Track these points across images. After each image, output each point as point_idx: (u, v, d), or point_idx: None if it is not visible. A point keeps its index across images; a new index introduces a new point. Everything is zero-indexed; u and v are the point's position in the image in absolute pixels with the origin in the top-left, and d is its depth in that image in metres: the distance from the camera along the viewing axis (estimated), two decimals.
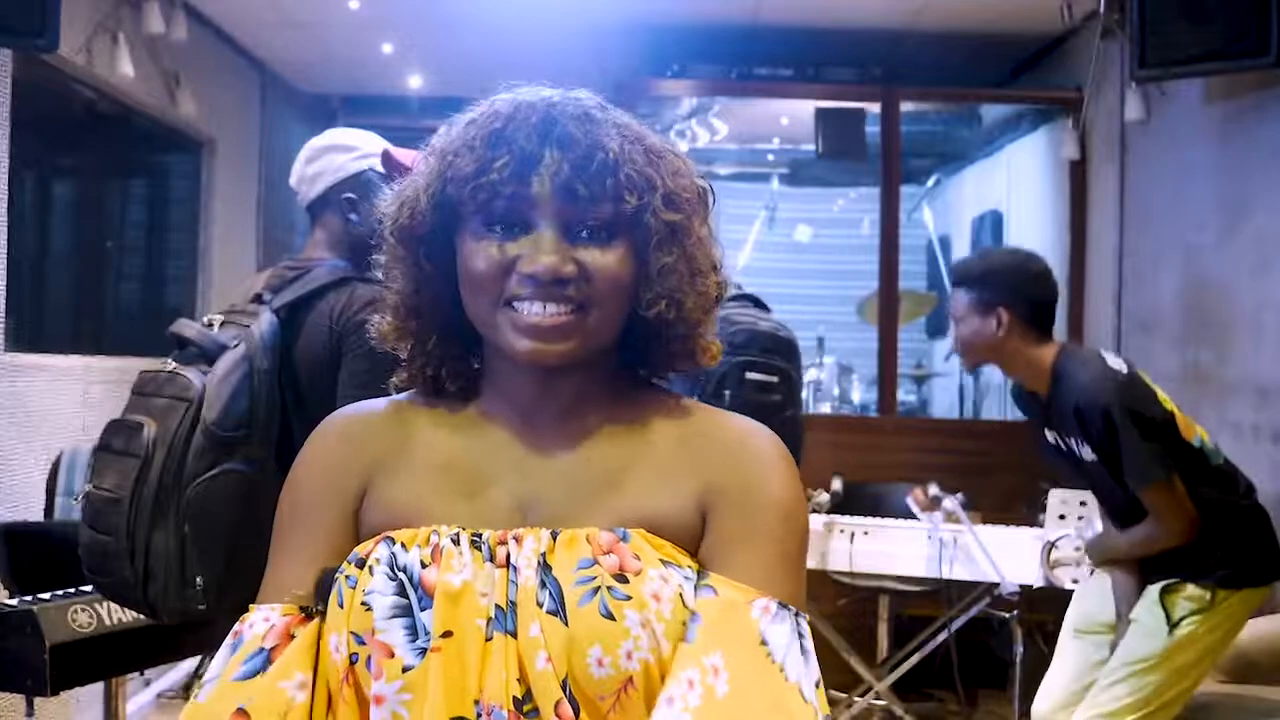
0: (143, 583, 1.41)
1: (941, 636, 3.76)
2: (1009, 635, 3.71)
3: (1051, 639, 4.05)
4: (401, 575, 0.85)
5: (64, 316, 4.13)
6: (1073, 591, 3.07)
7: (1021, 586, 3.34)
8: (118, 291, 4.57)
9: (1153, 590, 2.49)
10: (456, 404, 0.97)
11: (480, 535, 0.87)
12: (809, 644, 0.87)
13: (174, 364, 1.52)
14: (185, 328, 1.54)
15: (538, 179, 0.86)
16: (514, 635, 0.83)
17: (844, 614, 3.94)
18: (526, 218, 0.87)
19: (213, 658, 0.91)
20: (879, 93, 4.61)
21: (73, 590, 2.54)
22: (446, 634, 0.83)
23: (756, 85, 4.79)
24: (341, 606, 0.86)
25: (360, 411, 0.99)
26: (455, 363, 0.97)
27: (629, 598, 0.83)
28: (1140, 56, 3.39)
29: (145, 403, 1.49)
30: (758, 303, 2.44)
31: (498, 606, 0.84)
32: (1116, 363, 2.52)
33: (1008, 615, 3.68)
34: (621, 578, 0.83)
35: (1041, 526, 3.35)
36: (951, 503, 3.42)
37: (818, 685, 0.86)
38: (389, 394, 1.01)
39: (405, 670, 0.82)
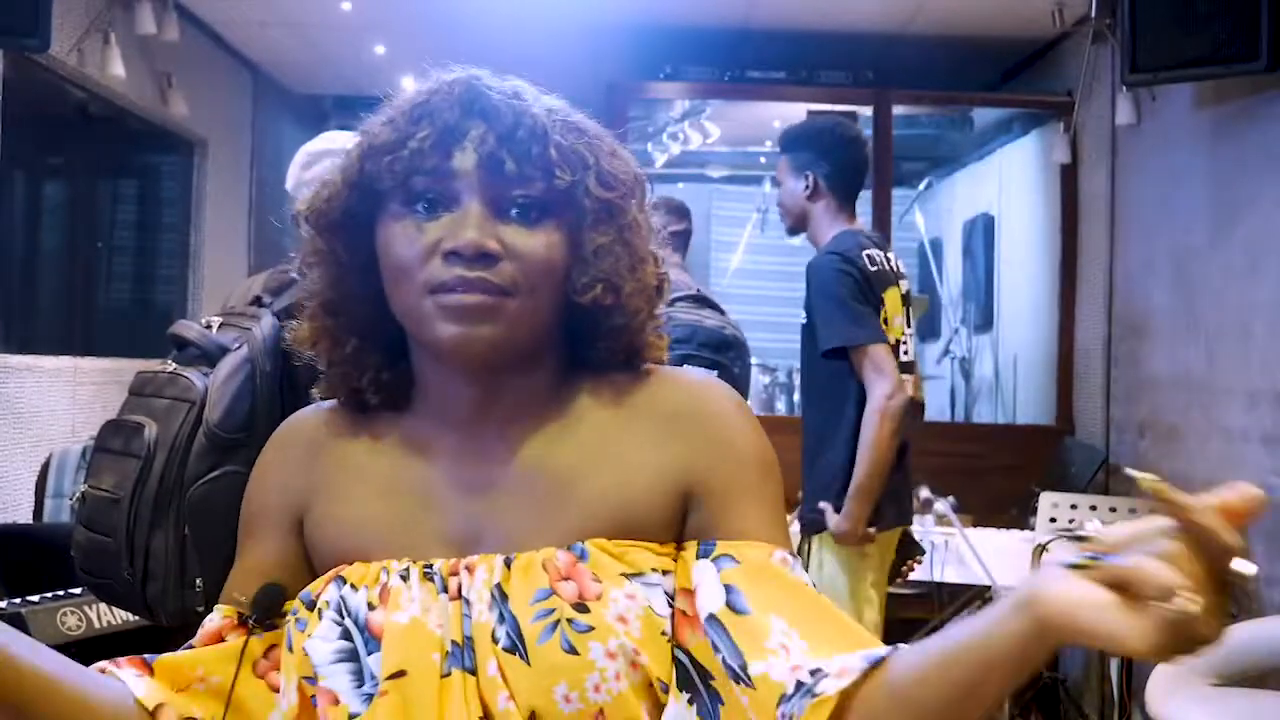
0: (141, 584, 1.40)
1: None
2: None
3: None
4: (348, 620, 0.81)
5: (54, 317, 4.12)
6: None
7: (1012, 589, 3.35)
8: (108, 292, 4.56)
9: None
10: (390, 419, 0.90)
11: (432, 566, 0.82)
12: None
13: (174, 365, 1.51)
14: (186, 329, 1.54)
15: (461, 151, 0.80)
16: (473, 673, 0.79)
17: None
18: (449, 192, 0.81)
19: None
20: (871, 96, 4.62)
21: (62, 592, 2.53)
22: (398, 674, 0.79)
23: (749, 88, 4.80)
24: (290, 650, 0.83)
25: (301, 426, 0.94)
26: (377, 371, 0.89)
27: (591, 628, 0.77)
28: (1131, 61, 3.41)
29: (145, 404, 1.48)
30: (711, 304, 2.45)
31: (454, 642, 0.80)
32: (877, 255, 2.65)
33: None
34: (581, 607, 0.78)
35: (1032, 529, 3.37)
36: (943, 505, 3.42)
37: None
38: None
39: (352, 718, 0.79)
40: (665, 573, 0.82)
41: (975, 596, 3.63)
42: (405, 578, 0.82)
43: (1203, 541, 0.55)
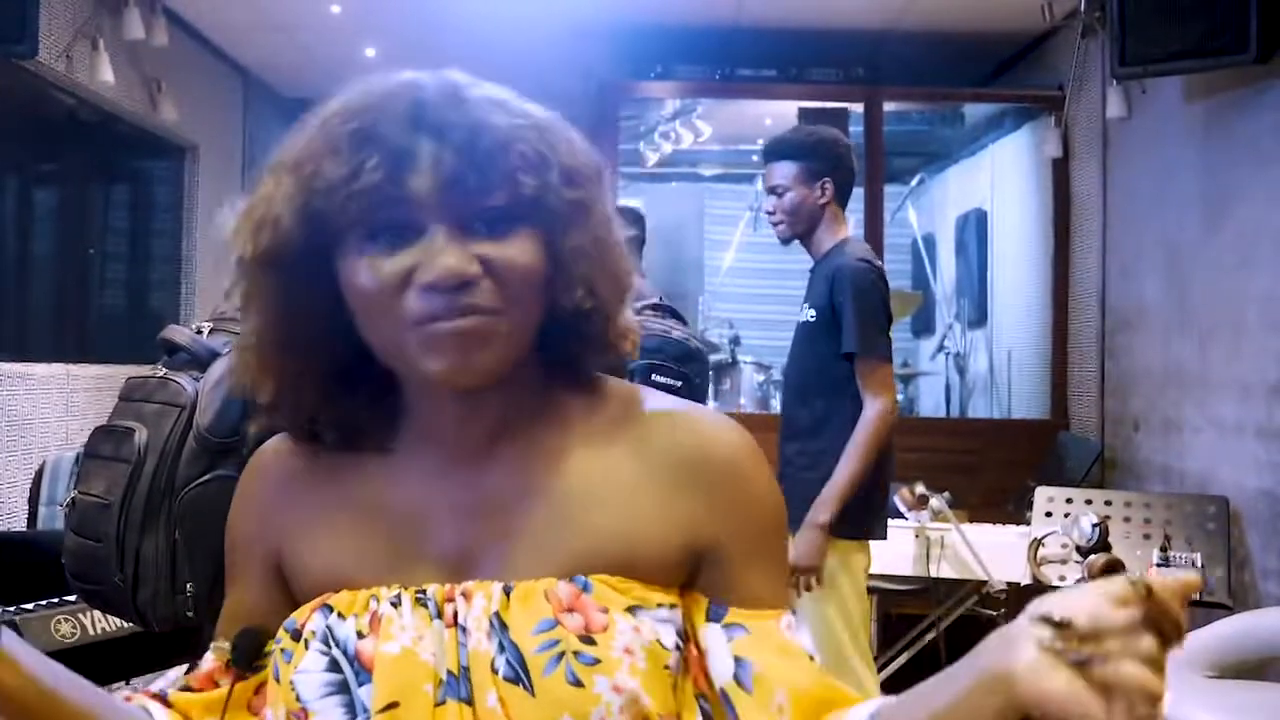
0: (132, 589, 1.39)
1: (930, 635, 3.77)
2: None
3: None
4: (336, 650, 0.79)
5: (46, 324, 4.11)
6: (1060, 588, 3.07)
7: (1008, 584, 3.35)
8: (100, 298, 4.55)
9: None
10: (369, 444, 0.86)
11: (424, 592, 0.80)
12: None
13: (164, 370, 1.50)
14: (176, 334, 1.53)
15: (417, 175, 0.74)
16: (469, 703, 0.77)
17: None
18: (413, 222, 0.75)
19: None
20: (862, 93, 4.62)
21: (56, 600, 2.52)
22: (391, 706, 0.76)
23: (740, 86, 4.80)
24: (278, 682, 0.81)
25: (277, 451, 0.90)
26: (334, 407, 0.84)
27: (597, 661, 0.76)
28: (1121, 54, 3.41)
29: (135, 409, 1.47)
30: (674, 313, 2.48)
31: (449, 671, 0.77)
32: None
33: (995, 613, 3.69)
34: (588, 639, 0.76)
35: (1028, 524, 3.37)
36: (938, 501, 3.42)
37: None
38: None
39: None
40: (672, 606, 0.81)
41: (972, 592, 3.63)
42: (396, 604, 0.80)
43: (1163, 626, 0.60)
